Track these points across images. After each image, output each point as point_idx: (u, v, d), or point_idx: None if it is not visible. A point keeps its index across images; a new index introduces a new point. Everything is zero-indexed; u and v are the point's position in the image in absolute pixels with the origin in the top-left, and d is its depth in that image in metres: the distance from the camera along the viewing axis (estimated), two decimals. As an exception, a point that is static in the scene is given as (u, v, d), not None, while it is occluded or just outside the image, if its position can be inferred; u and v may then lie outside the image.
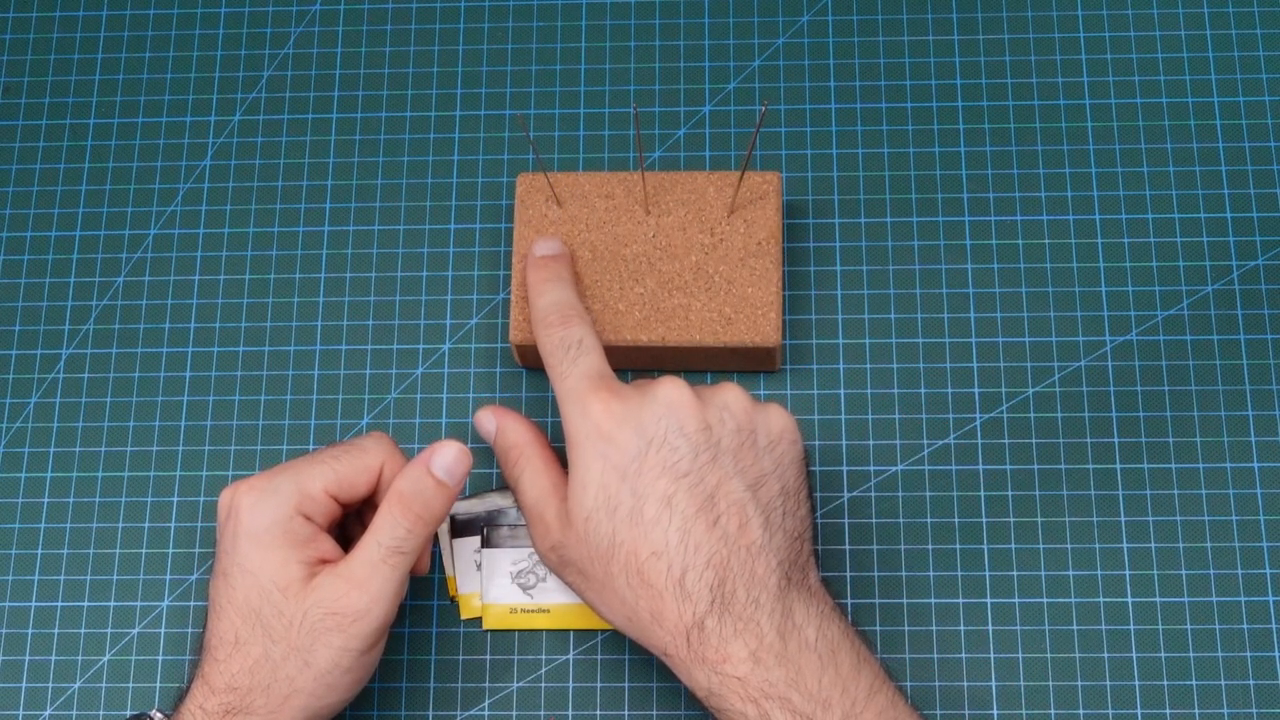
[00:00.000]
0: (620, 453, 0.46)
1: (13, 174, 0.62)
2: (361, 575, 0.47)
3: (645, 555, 0.45)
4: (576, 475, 0.47)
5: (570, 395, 0.48)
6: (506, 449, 0.51)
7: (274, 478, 0.49)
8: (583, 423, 0.47)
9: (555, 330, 0.51)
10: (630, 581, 0.46)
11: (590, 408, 0.47)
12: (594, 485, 0.47)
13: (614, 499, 0.46)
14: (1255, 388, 0.57)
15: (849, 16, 0.62)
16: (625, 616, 0.47)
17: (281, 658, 0.47)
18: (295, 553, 0.48)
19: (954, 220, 0.59)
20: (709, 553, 0.45)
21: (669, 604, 0.45)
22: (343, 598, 0.47)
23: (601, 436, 0.47)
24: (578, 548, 0.47)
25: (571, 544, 0.48)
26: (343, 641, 0.47)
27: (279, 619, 0.47)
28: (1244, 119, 0.60)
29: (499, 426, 0.52)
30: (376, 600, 0.47)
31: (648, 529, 0.46)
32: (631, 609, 0.46)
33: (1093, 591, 0.54)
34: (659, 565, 0.45)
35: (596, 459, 0.47)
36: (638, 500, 0.46)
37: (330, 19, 0.64)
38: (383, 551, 0.48)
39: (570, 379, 0.49)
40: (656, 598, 0.45)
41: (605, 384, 0.48)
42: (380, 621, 0.47)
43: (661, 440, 0.46)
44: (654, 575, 0.45)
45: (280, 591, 0.47)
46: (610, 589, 0.47)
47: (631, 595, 0.46)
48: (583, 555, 0.47)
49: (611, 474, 0.46)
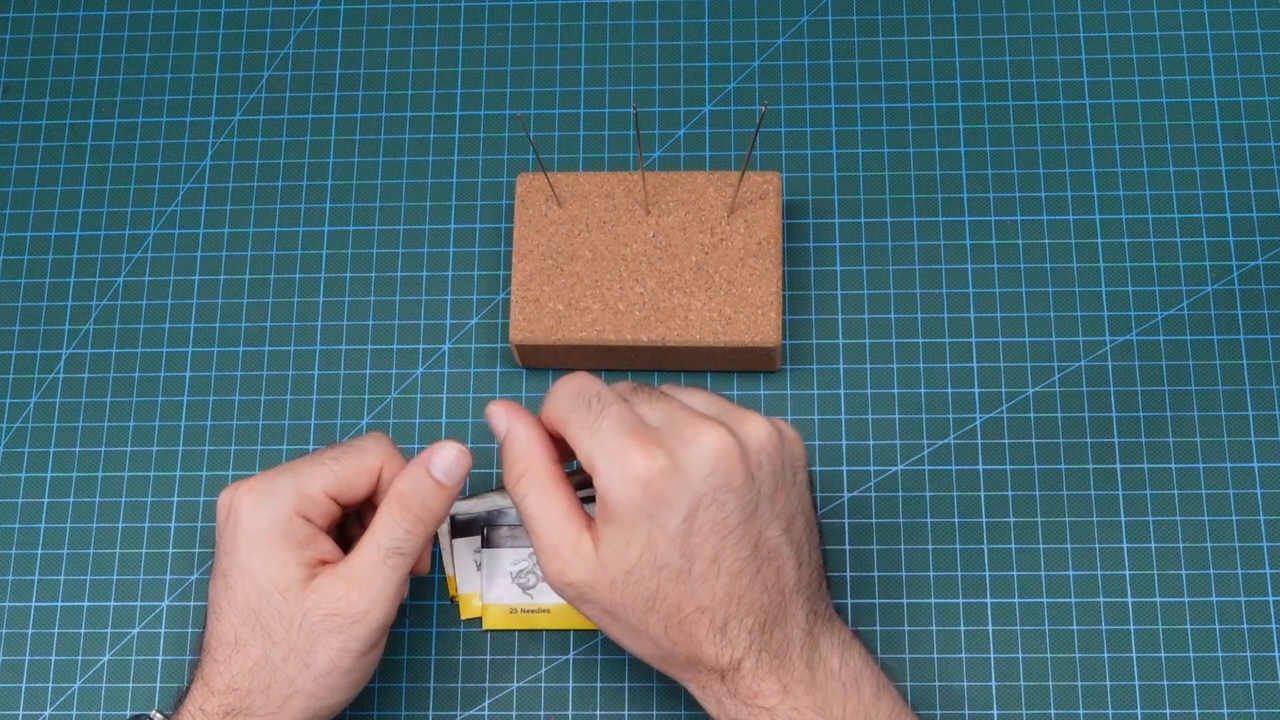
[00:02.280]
0: (668, 513, 0.44)
1: (13, 174, 0.62)
2: (361, 576, 0.47)
3: (689, 610, 0.45)
4: (618, 531, 0.45)
5: (603, 449, 0.45)
6: (514, 459, 0.48)
7: (273, 479, 0.49)
8: (623, 479, 0.45)
9: (569, 385, 0.48)
10: (669, 630, 0.45)
11: (631, 462, 0.44)
12: (639, 544, 0.44)
13: (661, 558, 0.44)
14: (1255, 388, 0.57)
15: (849, 16, 0.62)
16: (658, 656, 0.46)
17: (281, 659, 0.47)
18: (294, 554, 0.48)
19: (954, 220, 0.59)
20: (750, 602, 0.45)
21: (707, 650, 0.45)
22: (342, 599, 0.47)
23: (647, 495, 0.44)
24: (610, 595, 0.45)
25: (602, 590, 0.46)
26: (342, 643, 0.47)
27: (278, 620, 0.47)
28: (1244, 119, 0.60)
29: (510, 430, 0.49)
30: (376, 601, 0.47)
31: (694, 586, 0.44)
32: (666, 651, 0.46)
33: (1093, 591, 0.54)
34: (703, 619, 0.45)
35: (642, 518, 0.44)
36: (686, 561, 0.44)
37: (330, 19, 0.64)
38: (382, 553, 0.48)
39: (600, 433, 0.46)
40: (696, 645, 0.45)
41: (640, 433, 0.45)
42: (380, 623, 0.47)
43: (710, 499, 0.44)
44: (696, 627, 0.45)
45: (280, 593, 0.47)
46: (642, 633, 0.46)
47: (668, 641, 0.45)
48: (615, 602, 0.45)
49: (659, 534, 0.44)
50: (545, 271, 0.56)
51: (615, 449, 0.45)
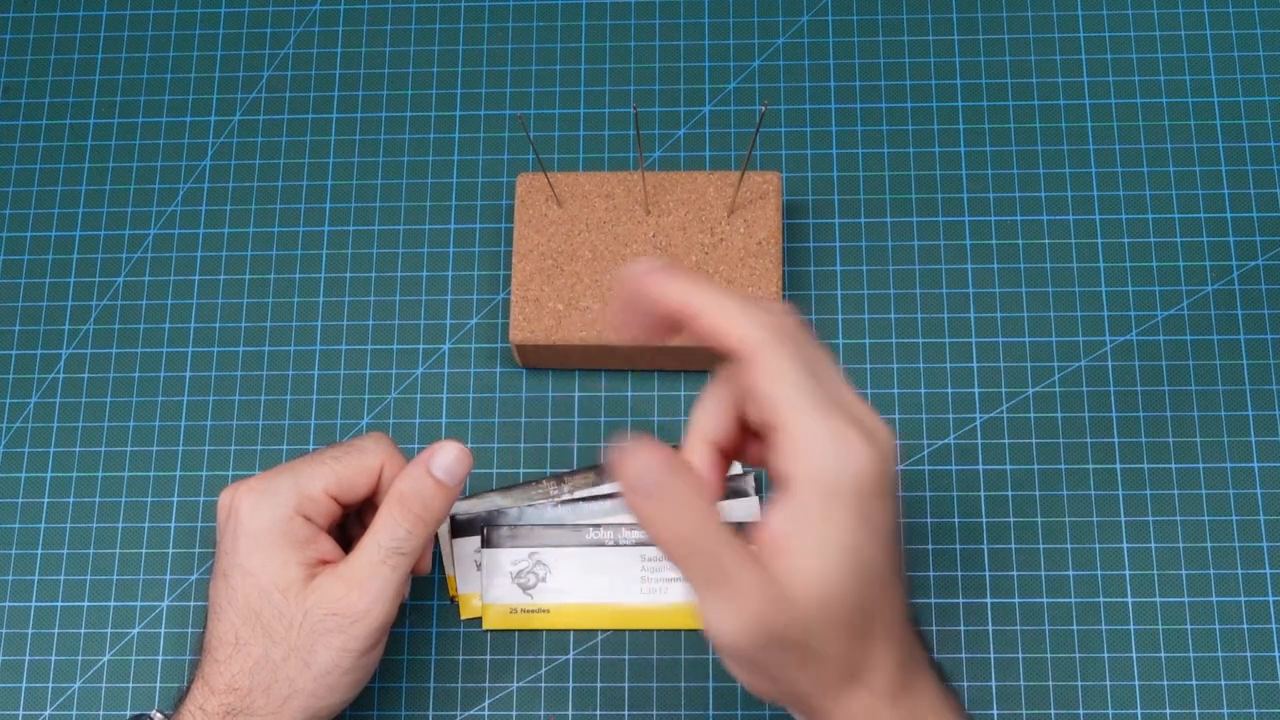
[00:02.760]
0: (880, 513, 0.38)
1: (13, 174, 0.62)
2: (361, 576, 0.47)
3: (880, 618, 0.40)
4: (833, 534, 0.38)
5: (826, 423, 0.38)
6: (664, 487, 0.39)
7: (274, 479, 0.49)
8: (845, 461, 0.37)
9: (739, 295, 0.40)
10: (861, 648, 0.39)
11: (852, 443, 0.38)
12: (852, 548, 0.38)
13: (860, 559, 0.38)
14: (1255, 388, 0.57)
15: (849, 16, 0.62)
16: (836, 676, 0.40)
17: (281, 659, 0.47)
18: (295, 554, 0.48)
19: (954, 220, 0.59)
20: (906, 611, 0.41)
21: (881, 657, 0.40)
22: (342, 599, 0.47)
23: (862, 486, 0.38)
24: (811, 621, 0.38)
25: (800, 617, 0.38)
26: (342, 642, 0.47)
27: (279, 620, 0.47)
28: (1244, 119, 0.60)
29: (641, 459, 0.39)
30: (376, 601, 0.47)
31: (884, 588, 0.39)
32: (847, 680, 0.40)
33: (1093, 591, 0.54)
34: (889, 627, 0.40)
35: (852, 517, 0.38)
36: (885, 566, 0.39)
37: (330, 19, 0.64)
38: (382, 552, 0.48)
39: (820, 394, 0.38)
40: (878, 668, 0.40)
41: (849, 405, 0.38)
42: (380, 622, 0.47)
43: (897, 495, 0.39)
44: (889, 641, 0.40)
45: (280, 592, 0.47)
46: (820, 662, 0.39)
47: (850, 665, 0.39)
48: (811, 630, 0.38)
49: (863, 534, 0.38)
50: (545, 271, 0.56)
51: (834, 425, 0.38)
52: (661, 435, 0.57)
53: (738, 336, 0.39)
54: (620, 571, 0.55)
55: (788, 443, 0.38)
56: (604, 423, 0.57)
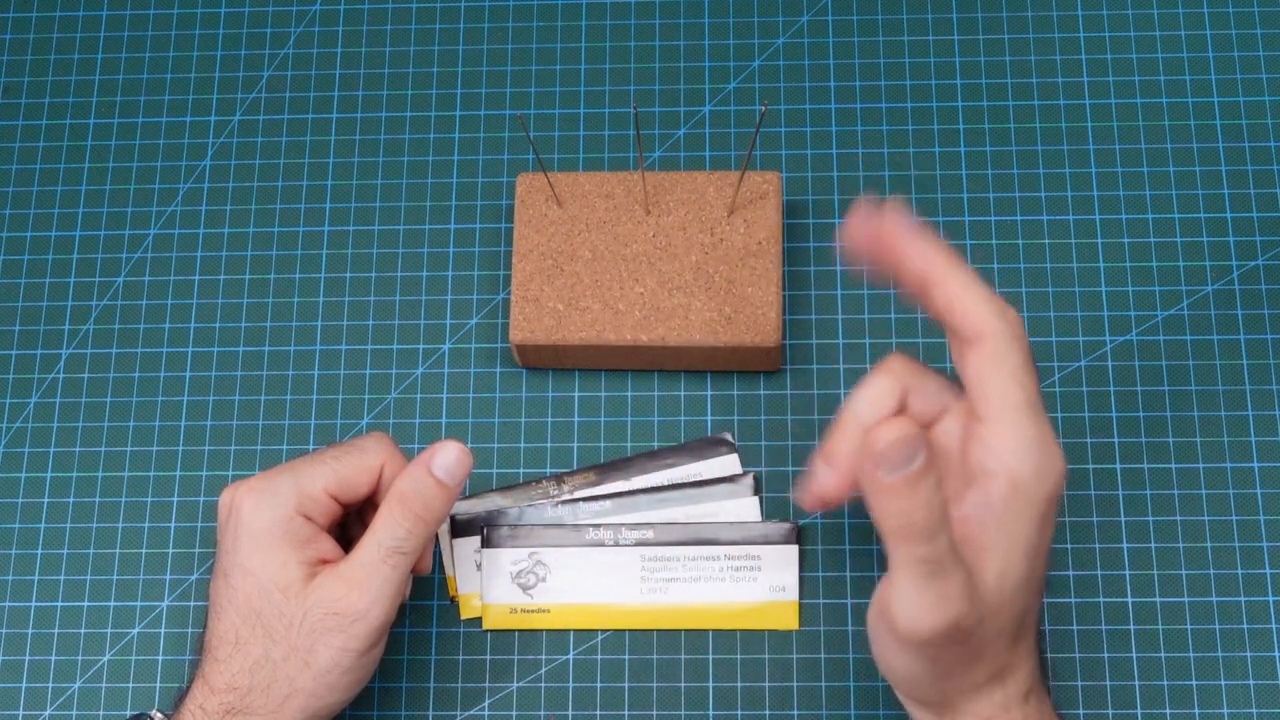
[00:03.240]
0: (1052, 526, 0.40)
1: (13, 174, 0.62)
2: (361, 576, 0.47)
3: (1028, 625, 0.42)
4: (1021, 540, 0.39)
5: (1037, 428, 0.39)
6: (935, 499, 0.38)
7: (274, 478, 0.49)
8: (1042, 472, 0.39)
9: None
10: (1011, 649, 0.42)
11: (1052, 455, 0.40)
12: (1034, 557, 0.40)
13: (1033, 569, 0.40)
14: (1255, 388, 0.57)
15: (849, 16, 0.62)
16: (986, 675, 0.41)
17: (282, 658, 0.47)
18: (295, 553, 0.48)
19: (954, 220, 0.59)
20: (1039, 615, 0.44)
21: (1024, 660, 0.42)
22: (343, 598, 0.47)
23: (1050, 497, 0.40)
24: (990, 623, 0.40)
25: (989, 620, 0.40)
26: (343, 642, 0.47)
27: (279, 619, 0.47)
28: (1244, 119, 0.60)
29: (928, 466, 0.38)
30: (376, 601, 0.47)
31: (1038, 598, 0.42)
32: (995, 677, 0.42)
33: (1093, 591, 0.54)
34: (1030, 635, 0.43)
35: (1037, 524, 0.40)
36: (1042, 578, 0.42)
37: (330, 19, 0.64)
38: (383, 552, 0.48)
39: (1036, 402, 0.40)
40: (1019, 665, 0.42)
41: (1044, 415, 0.40)
42: (380, 622, 0.47)
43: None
44: (1028, 641, 0.42)
45: (280, 592, 0.47)
46: (980, 659, 0.41)
47: (1000, 664, 0.42)
48: (987, 631, 0.40)
49: (1039, 544, 0.40)
50: (545, 271, 0.56)
51: (1040, 433, 0.40)
52: (661, 435, 0.57)
53: (975, 316, 0.40)
54: (620, 571, 0.55)
55: (996, 438, 0.39)
56: (604, 423, 0.57)
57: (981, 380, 0.40)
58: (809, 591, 0.55)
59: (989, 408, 0.40)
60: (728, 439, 0.57)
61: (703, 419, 0.57)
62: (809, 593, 0.55)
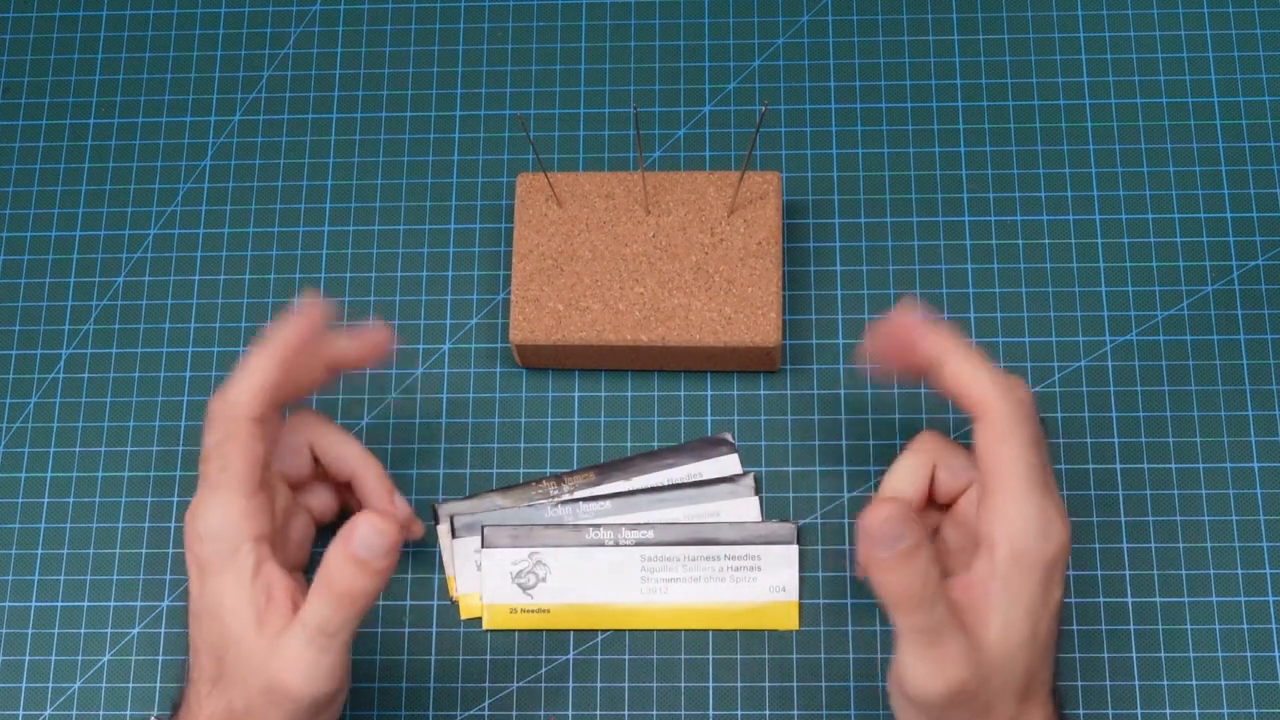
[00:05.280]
0: (1057, 589, 0.43)
1: (13, 174, 0.62)
2: (290, 658, 0.45)
3: (1039, 683, 0.44)
4: (1022, 601, 0.42)
5: (1031, 498, 0.42)
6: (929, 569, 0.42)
7: (214, 500, 0.47)
8: (1044, 540, 0.42)
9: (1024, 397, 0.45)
10: (1020, 705, 0.44)
11: (1054, 524, 0.43)
12: (1036, 616, 0.43)
13: (1041, 635, 0.43)
14: (1255, 388, 0.57)
15: (849, 16, 0.62)
16: None
17: (244, 711, 0.46)
18: (251, 594, 0.46)
19: (954, 220, 0.59)
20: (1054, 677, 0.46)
21: (1035, 718, 0.44)
22: (280, 673, 0.45)
23: (1051, 562, 0.43)
24: (994, 682, 0.43)
25: (992, 680, 0.43)
26: (288, 714, 0.46)
27: (241, 668, 0.46)
28: (1244, 119, 0.60)
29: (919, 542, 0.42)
30: (308, 680, 0.45)
31: (1047, 658, 0.44)
32: None
33: (1093, 591, 0.54)
34: (1042, 691, 0.45)
35: (1051, 589, 0.43)
36: (1049, 636, 0.44)
37: (330, 19, 0.64)
38: (308, 632, 0.46)
39: (1038, 476, 0.43)
40: (1024, 717, 0.44)
41: (1047, 486, 0.43)
42: (316, 697, 0.46)
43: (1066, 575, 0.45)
44: (1039, 697, 0.45)
45: (235, 644, 0.46)
46: (986, 716, 0.43)
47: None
48: (991, 690, 0.43)
49: (1046, 613, 0.43)
50: (545, 271, 0.56)
51: (1043, 503, 0.43)
52: (661, 435, 0.57)
53: (979, 392, 0.44)
54: (620, 571, 0.55)
55: (999, 507, 0.43)
56: (604, 423, 0.57)
57: (988, 454, 0.44)
58: (809, 591, 0.55)
59: (993, 480, 0.43)
60: (728, 439, 0.57)
61: (703, 419, 0.57)
62: (809, 593, 0.55)
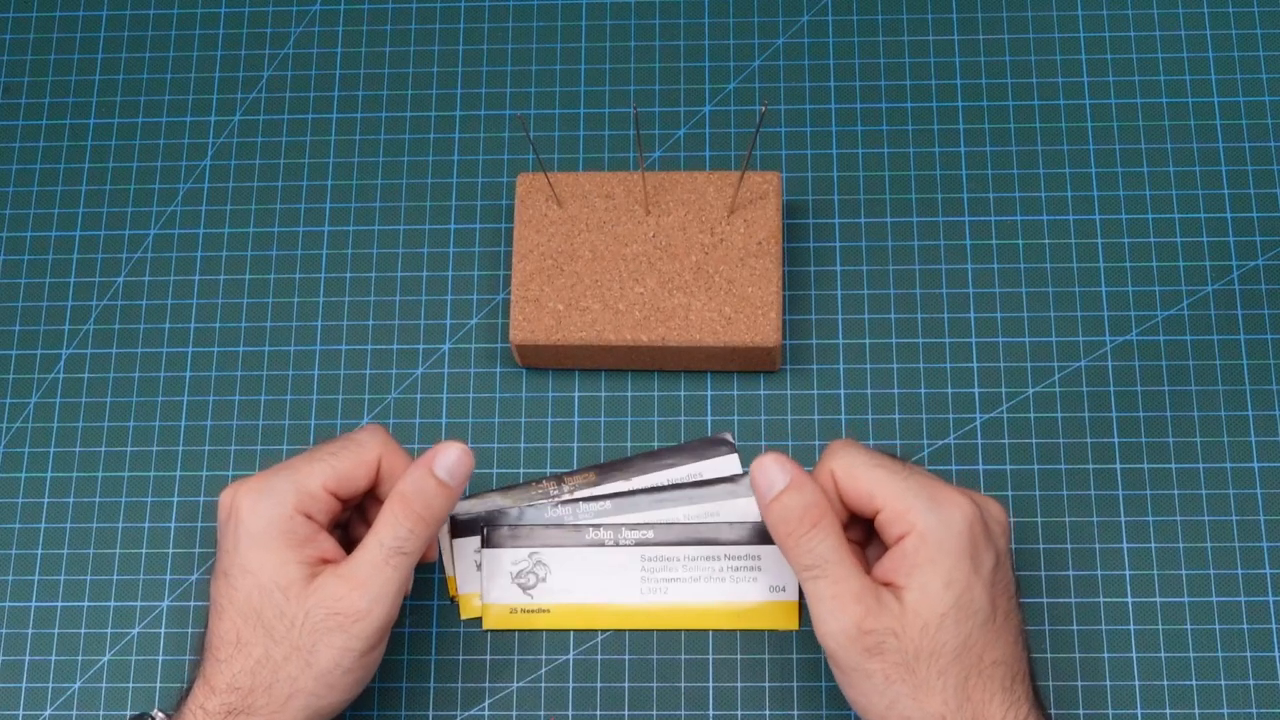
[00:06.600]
0: (985, 564, 0.47)
1: (13, 174, 0.62)
2: (363, 576, 0.47)
3: (989, 662, 0.46)
4: (937, 572, 0.46)
5: (923, 491, 0.47)
6: (806, 509, 0.47)
7: (272, 477, 0.49)
8: (949, 520, 0.47)
9: (856, 446, 0.50)
10: (967, 683, 0.46)
11: (956, 504, 0.47)
12: (958, 586, 0.46)
13: (974, 604, 0.46)
14: (1255, 388, 0.57)
15: (849, 16, 0.62)
16: (939, 713, 0.46)
17: (283, 658, 0.47)
18: (295, 552, 0.48)
19: (954, 220, 0.59)
20: (1025, 665, 0.48)
21: (995, 709, 0.46)
22: (344, 598, 0.47)
23: (970, 537, 0.47)
24: (918, 642, 0.46)
25: (910, 637, 0.46)
26: (344, 642, 0.47)
27: (280, 619, 0.47)
28: (1244, 119, 0.60)
29: (796, 482, 0.48)
30: (378, 600, 0.47)
31: (997, 637, 0.47)
32: (950, 710, 0.46)
33: (1093, 591, 0.54)
34: (997, 672, 0.46)
35: (964, 559, 0.46)
36: (992, 610, 0.47)
37: (330, 19, 0.64)
38: (385, 552, 0.48)
39: (916, 476, 0.48)
40: (986, 701, 0.46)
41: (950, 485, 0.48)
42: (382, 622, 0.48)
43: (1004, 556, 0.48)
44: (991, 681, 0.46)
45: (281, 592, 0.47)
46: (933, 689, 0.46)
47: (958, 698, 0.46)
48: (921, 650, 0.46)
49: (975, 578, 0.46)
50: (545, 271, 0.56)
51: (937, 492, 0.47)
52: (661, 435, 0.57)
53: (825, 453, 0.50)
54: (620, 571, 0.55)
55: (891, 515, 0.47)
56: (604, 423, 0.57)
57: (858, 491, 0.48)
58: (809, 591, 0.55)
59: (876, 501, 0.48)
60: (728, 439, 0.57)
61: (703, 419, 0.57)
62: (809, 593, 0.55)
